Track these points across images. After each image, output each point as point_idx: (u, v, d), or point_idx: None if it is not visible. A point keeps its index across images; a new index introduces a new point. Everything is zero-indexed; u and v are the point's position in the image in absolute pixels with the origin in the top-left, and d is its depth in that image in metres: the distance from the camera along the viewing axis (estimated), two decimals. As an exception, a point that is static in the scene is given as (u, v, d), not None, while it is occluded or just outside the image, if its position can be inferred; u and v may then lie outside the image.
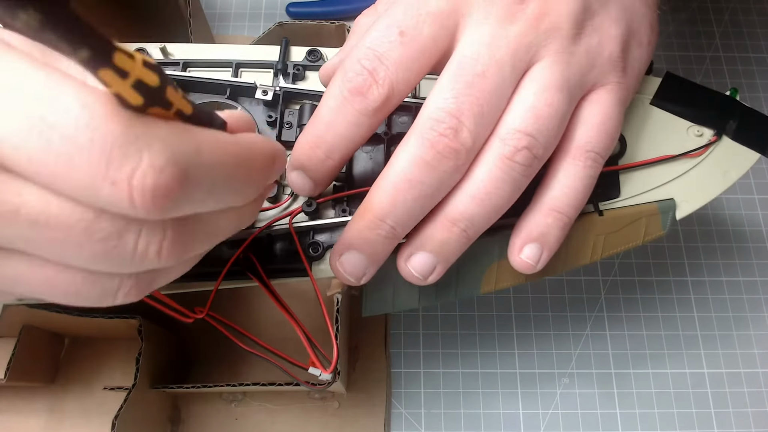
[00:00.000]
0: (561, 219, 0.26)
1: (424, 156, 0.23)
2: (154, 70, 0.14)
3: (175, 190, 0.15)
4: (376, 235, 0.24)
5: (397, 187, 0.23)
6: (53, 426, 0.41)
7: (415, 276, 0.25)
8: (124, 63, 0.13)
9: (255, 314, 0.44)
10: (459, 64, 0.24)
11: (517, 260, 0.26)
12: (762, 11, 0.57)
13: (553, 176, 0.26)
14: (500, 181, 0.24)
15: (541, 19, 0.25)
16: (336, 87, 0.24)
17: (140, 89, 0.14)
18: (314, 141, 0.25)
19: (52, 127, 0.14)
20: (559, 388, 0.43)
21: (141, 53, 0.15)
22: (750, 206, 0.49)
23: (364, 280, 0.25)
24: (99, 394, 0.41)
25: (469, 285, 0.28)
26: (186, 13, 0.43)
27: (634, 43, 0.27)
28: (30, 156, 0.14)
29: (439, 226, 0.24)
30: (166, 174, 0.15)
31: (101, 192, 0.14)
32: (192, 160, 0.16)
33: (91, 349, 0.43)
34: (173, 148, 0.15)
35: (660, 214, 0.29)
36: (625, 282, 0.47)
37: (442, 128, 0.23)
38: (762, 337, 0.45)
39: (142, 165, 0.14)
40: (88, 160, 0.14)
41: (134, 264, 0.17)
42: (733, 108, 0.30)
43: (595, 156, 0.26)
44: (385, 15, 0.25)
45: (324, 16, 0.56)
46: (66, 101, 0.14)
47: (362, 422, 0.41)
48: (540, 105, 0.24)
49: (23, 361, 0.37)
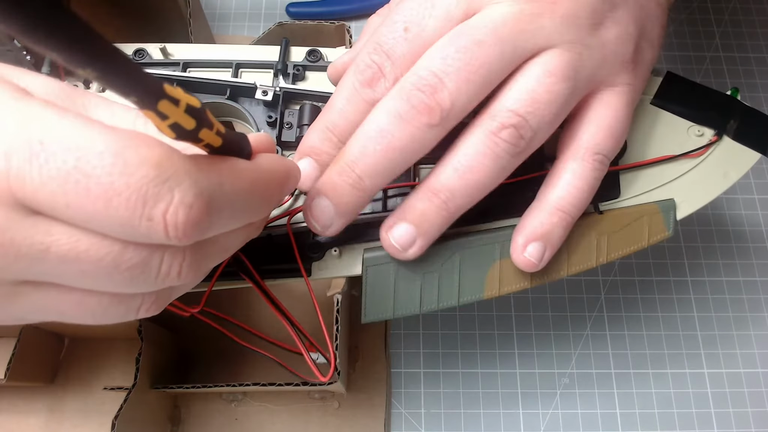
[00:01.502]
0: (565, 218, 0.26)
1: (398, 108, 0.23)
2: (194, 116, 0.16)
3: (203, 221, 0.17)
4: (343, 182, 0.24)
5: (367, 135, 0.24)
6: (53, 426, 0.41)
7: (395, 246, 0.26)
8: (166, 108, 0.15)
9: (255, 314, 0.44)
10: (459, 29, 0.24)
11: (520, 258, 0.26)
12: (762, 11, 0.57)
13: (559, 175, 0.26)
14: (483, 156, 0.24)
15: (559, 3, 0.24)
16: (348, 79, 0.25)
17: (175, 129, 0.16)
18: (328, 127, 0.26)
19: (88, 177, 0.15)
20: (559, 388, 0.43)
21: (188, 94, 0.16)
22: (750, 206, 0.49)
23: (331, 230, 0.25)
24: (99, 394, 0.41)
25: (472, 289, 0.28)
26: (186, 13, 0.43)
27: (645, 44, 0.27)
28: (68, 202, 0.15)
29: (421, 196, 0.25)
30: (194, 209, 0.16)
31: (138, 228, 0.16)
32: (216, 192, 0.17)
33: (91, 349, 0.43)
34: (200, 183, 0.16)
35: (661, 214, 0.29)
36: (625, 282, 0.47)
37: (421, 84, 0.23)
38: (762, 337, 0.45)
39: (174, 202, 0.16)
40: (126, 203, 0.15)
41: (157, 284, 0.18)
42: (734, 108, 0.30)
43: (602, 158, 0.26)
44: (394, 10, 0.25)
45: (324, 16, 0.56)
46: (98, 150, 0.15)
47: (362, 422, 0.41)
48: (540, 90, 0.24)
49: (23, 361, 0.37)
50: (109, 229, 0.16)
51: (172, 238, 0.16)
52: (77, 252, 0.16)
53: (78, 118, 0.16)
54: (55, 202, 0.15)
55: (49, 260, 0.16)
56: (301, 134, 0.29)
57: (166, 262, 0.17)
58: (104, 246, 0.16)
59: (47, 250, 0.16)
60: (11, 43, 0.30)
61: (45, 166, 0.15)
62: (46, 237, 0.16)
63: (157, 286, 0.18)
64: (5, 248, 0.16)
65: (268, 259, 0.27)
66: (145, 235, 0.16)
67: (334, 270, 0.28)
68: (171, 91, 0.15)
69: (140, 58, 0.31)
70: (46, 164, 0.15)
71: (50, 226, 0.16)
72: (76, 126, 0.15)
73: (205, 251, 0.19)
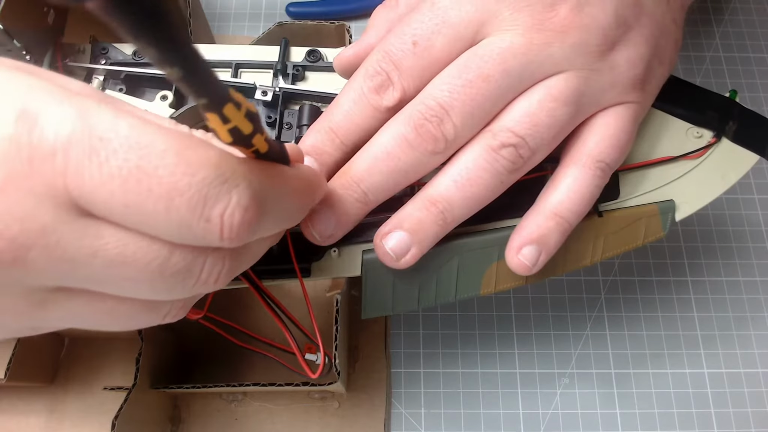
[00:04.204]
0: (562, 224, 0.26)
1: (406, 135, 0.24)
2: (252, 121, 0.16)
3: (254, 223, 0.17)
4: (348, 196, 0.25)
5: (375, 156, 0.24)
6: (53, 426, 0.41)
7: (389, 255, 0.26)
8: (230, 112, 0.15)
9: (255, 314, 0.44)
10: (467, 60, 0.24)
11: (514, 260, 0.26)
12: (762, 11, 0.57)
13: (560, 181, 0.26)
14: (482, 170, 0.24)
15: (569, 32, 0.24)
16: (357, 82, 0.26)
17: (233, 133, 0.16)
18: (332, 127, 0.26)
19: (150, 176, 0.15)
20: (559, 388, 0.43)
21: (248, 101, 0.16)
22: (750, 206, 0.49)
23: (329, 240, 0.25)
24: (99, 394, 0.41)
25: (469, 286, 0.28)
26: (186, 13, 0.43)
27: (656, 62, 0.27)
28: (127, 202, 0.15)
29: (419, 205, 0.25)
30: (250, 211, 0.16)
31: (194, 229, 0.16)
32: (267, 195, 0.17)
33: (91, 349, 0.43)
34: (254, 186, 0.17)
35: (660, 215, 0.29)
36: (625, 282, 0.47)
37: (429, 114, 0.24)
38: (762, 337, 0.45)
39: (231, 203, 0.16)
40: (188, 203, 0.15)
41: (193, 291, 0.18)
42: (733, 110, 0.30)
43: (604, 167, 0.26)
44: (405, 20, 0.25)
45: (324, 16, 0.56)
46: (160, 148, 0.15)
47: (362, 422, 0.41)
48: (541, 114, 0.24)
49: (23, 361, 0.37)
50: (165, 230, 0.16)
51: (225, 240, 0.16)
52: (125, 256, 0.16)
53: (134, 117, 0.15)
54: (113, 202, 0.15)
55: (94, 265, 0.16)
56: (300, 134, 0.29)
57: (207, 268, 0.17)
58: (152, 250, 0.16)
59: (95, 254, 0.15)
60: (11, 43, 0.30)
61: (106, 164, 0.14)
62: (96, 240, 0.15)
63: (193, 292, 0.18)
64: (50, 251, 0.15)
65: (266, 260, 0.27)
66: (200, 237, 0.16)
67: (334, 270, 0.28)
68: (235, 95, 0.15)
69: (140, 57, 0.31)
70: (107, 162, 0.14)
71: (101, 229, 0.15)
72: (134, 125, 0.15)
73: (240, 258, 0.19)
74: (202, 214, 0.15)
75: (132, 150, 0.15)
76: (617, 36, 0.25)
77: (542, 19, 0.24)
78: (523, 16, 0.24)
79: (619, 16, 0.25)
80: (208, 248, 0.17)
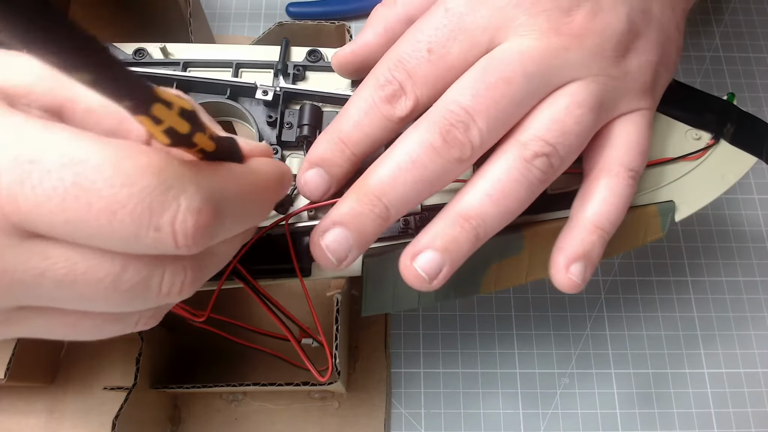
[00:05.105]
0: (604, 236, 0.25)
1: (432, 141, 0.23)
2: (187, 119, 0.15)
3: (211, 226, 0.16)
4: (368, 212, 0.23)
5: (400, 165, 0.23)
6: (53, 426, 0.41)
7: (422, 277, 0.23)
8: (160, 112, 0.14)
9: (254, 313, 0.44)
10: (488, 63, 0.23)
11: (564, 280, 0.25)
12: (762, 11, 0.57)
13: (596, 192, 0.25)
14: (516, 182, 0.23)
15: (586, 37, 0.24)
16: (367, 91, 0.25)
17: (170, 134, 0.15)
18: (341, 137, 0.25)
19: (88, 191, 0.14)
20: (559, 388, 0.43)
21: (181, 99, 0.15)
22: (750, 206, 0.49)
23: (345, 264, 0.23)
24: (99, 394, 0.41)
25: (469, 286, 0.28)
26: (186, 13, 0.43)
27: (663, 69, 0.27)
28: (67, 219, 0.15)
29: (451, 222, 0.23)
30: (203, 214, 0.16)
31: (145, 240, 0.15)
32: (220, 196, 0.17)
33: (91, 349, 0.43)
34: (204, 188, 0.16)
35: (659, 216, 0.29)
36: (625, 282, 0.47)
37: (454, 120, 0.23)
38: (762, 337, 0.45)
39: (181, 209, 0.15)
40: (131, 214, 0.15)
41: (157, 302, 0.17)
42: (731, 112, 0.31)
43: (634, 174, 0.25)
44: (417, 26, 0.25)
45: (324, 16, 0.56)
46: (95, 162, 0.15)
47: (362, 422, 0.41)
48: (569, 121, 0.23)
49: (23, 361, 0.37)
50: (113, 243, 0.15)
51: (181, 247, 0.16)
52: (75, 275, 0.16)
53: (66, 130, 0.15)
54: (53, 220, 0.15)
55: (44, 285, 0.16)
56: (301, 134, 0.29)
57: (167, 279, 0.17)
58: (104, 267, 0.16)
59: (42, 275, 0.15)
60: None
61: (39, 186, 0.14)
62: (42, 261, 0.15)
63: (157, 303, 0.18)
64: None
65: (267, 259, 0.27)
66: (151, 247, 0.16)
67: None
68: (163, 93, 0.14)
69: (140, 57, 0.31)
70: (40, 184, 0.14)
71: (47, 249, 0.15)
72: (66, 139, 0.15)
73: (203, 264, 0.19)
74: (149, 223, 0.15)
75: (65, 167, 0.14)
76: (629, 42, 0.25)
77: (559, 24, 0.23)
78: (539, 21, 0.23)
79: (631, 22, 0.25)
80: (166, 258, 0.17)
